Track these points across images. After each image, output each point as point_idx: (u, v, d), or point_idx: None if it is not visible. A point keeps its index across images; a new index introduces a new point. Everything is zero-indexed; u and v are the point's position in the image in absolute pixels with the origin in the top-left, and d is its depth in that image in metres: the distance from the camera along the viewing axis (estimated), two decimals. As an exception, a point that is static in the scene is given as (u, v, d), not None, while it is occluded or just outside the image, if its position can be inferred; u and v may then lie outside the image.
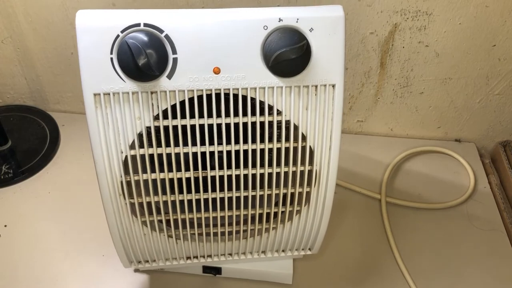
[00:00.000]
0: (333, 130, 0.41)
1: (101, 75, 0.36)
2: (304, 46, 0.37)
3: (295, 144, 0.41)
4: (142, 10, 0.37)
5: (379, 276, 0.58)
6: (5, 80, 0.74)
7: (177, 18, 0.36)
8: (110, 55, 0.36)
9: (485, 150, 0.77)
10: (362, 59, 0.66)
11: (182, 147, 0.40)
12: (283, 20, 0.37)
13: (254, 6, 0.61)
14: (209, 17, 0.37)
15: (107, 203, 0.42)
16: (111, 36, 0.36)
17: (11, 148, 0.70)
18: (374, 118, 0.75)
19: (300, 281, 0.56)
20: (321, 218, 0.47)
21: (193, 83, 0.38)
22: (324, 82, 0.39)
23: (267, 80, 0.38)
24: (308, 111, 0.40)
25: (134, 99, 0.38)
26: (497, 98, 0.70)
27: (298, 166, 0.43)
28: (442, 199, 0.67)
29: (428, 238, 0.62)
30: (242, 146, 0.41)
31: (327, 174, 0.44)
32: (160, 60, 0.36)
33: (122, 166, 0.40)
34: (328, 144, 0.42)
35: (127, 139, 0.39)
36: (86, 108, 0.38)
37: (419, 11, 0.61)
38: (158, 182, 0.42)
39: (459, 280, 0.58)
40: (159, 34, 0.36)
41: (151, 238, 0.46)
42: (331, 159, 0.43)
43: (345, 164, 0.71)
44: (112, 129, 0.38)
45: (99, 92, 0.37)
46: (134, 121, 0.38)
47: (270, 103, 0.39)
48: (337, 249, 0.61)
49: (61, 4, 0.63)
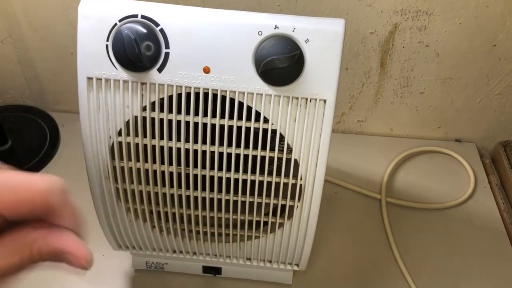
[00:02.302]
0: (321, 146, 0.40)
1: (96, 60, 0.38)
2: (295, 56, 0.36)
3: (280, 155, 0.40)
4: (142, 2, 0.37)
5: (379, 276, 0.58)
6: (5, 80, 0.74)
7: (174, 14, 0.37)
8: (106, 42, 0.37)
9: (485, 150, 0.77)
10: (362, 59, 0.66)
11: (166, 141, 0.40)
12: (279, 27, 0.36)
13: (253, 5, 0.61)
14: (206, 16, 0.37)
15: (93, 184, 0.43)
16: (109, 24, 0.37)
17: (11, 148, 0.70)
18: (374, 118, 0.75)
19: (300, 281, 0.56)
20: (305, 235, 0.45)
21: (182, 79, 0.38)
22: (315, 96, 0.38)
23: (256, 86, 0.38)
24: (296, 123, 0.39)
25: (125, 87, 0.38)
26: (497, 98, 0.70)
27: (282, 177, 0.42)
28: (442, 199, 0.67)
29: (428, 238, 0.62)
30: (226, 149, 0.40)
31: (312, 191, 0.42)
32: (151, 53, 0.37)
33: (109, 151, 0.41)
34: (315, 160, 0.40)
35: (115, 126, 0.40)
36: (79, 90, 0.39)
37: (419, 11, 0.61)
38: (142, 172, 0.42)
39: (459, 280, 0.58)
40: (154, 27, 0.37)
41: (135, 225, 0.46)
42: (317, 176, 0.41)
43: (345, 164, 0.71)
44: (102, 114, 0.40)
45: (92, 76, 0.38)
46: (123, 109, 0.39)
47: (258, 109, 0.38)
48: (337, 249, 0.61)
49: (61, 4, 0.63)
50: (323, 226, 0.63)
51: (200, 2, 0.62)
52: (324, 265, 0.59)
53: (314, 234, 0.45)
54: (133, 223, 0.46)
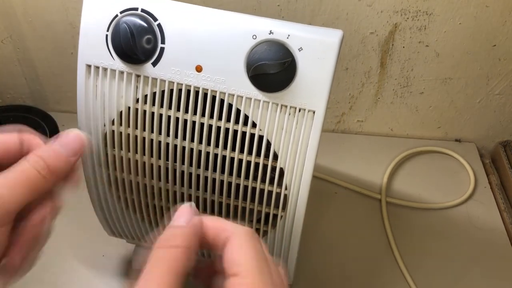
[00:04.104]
0: (307, 158, 0.39)
1: (96, 49, 0.39)
2: (285, 64, 0.35)
3: (265, 162, 0.40)
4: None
5: (379, 276, 0.58)
6: (5, 80, 0.74)
7: (173, 10, 0.37)
8: (106, 32, 0.38)
9: (485, 150, 0.77)
10: (362, 59, 0.66)
11: (156, 135, 0.41)
12: (274, 33, 0.36)
13: (254, 5, 0.61)
14: (203, 15, 0.37)
15: (87, 169, 0.44)
16: (111, 14, 0.38)
17: (11, 148, 0.70)
18: (374, 118, 0.75)
19: (300, 281, 0.56)
20: (288, 247, 0.44)
21: (174, 75, 0.38)
22: (304, 106, 0.37)
23: (246, 90, 0.37)
24: (283, 131, 0.38)
25: (120, 78, 0.39)
26: (497, 98, 0.70)
27: (267, 184, 0.41)
28: (442, 199, 0.67)
29: (428, 238, 0.62)
30: (212, 150, 0.40)
31: (296, 202, 0.41)
32: (147, 47, 0.37)
33: (103, 138, 0.42)
34: (300, 171, 0.39)
35: (109, 114, 0.41)
36: (77, 76, 0.40)
37: (419, 11, 0.61)
38: (132, 163, 0.43)
39: (459, 280, 0.58)
40: (152, 22, 0.37)
41: (125, 214, 0.47)
42: (301, 188, 0.40)
43: (345, 164, 0.71)
44: (98, 101, 0.40)
45: (91, 63, 0.39)
46: (117, 99, 0.40)
47: (246, 113, 0.38)
48: (337, 249, 0.61)
49: (61, 4, 0.63)
50: (323, 226, 0.63)
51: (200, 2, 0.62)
52: (324, 265, 0.59)
53: (298, 247, 0.44)
54: (124, 211, 0.47)
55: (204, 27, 0.37)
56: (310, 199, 0.41)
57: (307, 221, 0.42)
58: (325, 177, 0.69)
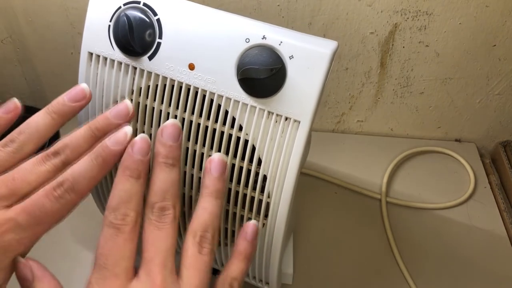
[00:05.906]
0: (289, 167, 0.38)
1: (98, 38, 0.40)
2: (273, 71, 0.34)
3: (249, 166, 0.39)
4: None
5: (379, 276, 0.58)
6: (5, 80, 0.74)
7: (173, 7, 0.38)
8: (109, 22, 0.39)
9: (485, 150, 0.77)
10: (362, 59, 0.66)
11: (147, 127, 0.41)
12: (267, 38, 0.35)
13: (254, 5, 0.61)
14: (201, 14, 0.37)
15: None
16: (115, 5, 0.38)
17: (11, 148, 0.70)
18: (374, 118, 0.75)
19: (300, 281, 0.56)
20: (269, 255, 0.43)
21: (168, 71, 0.38)
22: (290, 115, 0.36)
23: (235, 92, 0.37)
24: (268, 137, 0.37)
25: (118, 68, 0.40)
26: (497, 98, 0.70)
27: (249, 189, 0.40)
28: (442, 199, 0.67)
29: (428, 238, 0.62)
30: (199, 148, 0.40)
31: (277, 212, 0.40)
32: (144, 40, 0.38)
33: None
34: (282, 180, 0.38)
35: (106, 103, 0.42)
36: (80, 63, 0.41)
37: (419, 11, 0.61)
38: None
39: (459, 280, 0.58)
40: (152, 16, 0.38)
41: None
42: (282, 198, 0.39)
43: (345, 164, 0.71)
44: (97, 89, 0.41)
45: (92, 51, 0.40)
46: (114, 88, 0.41)
47: (234, 115, 0.38)
48: (337, 249, 0.61)
49: (61, 4, 0.63)
50: (323, 225, 0.63)
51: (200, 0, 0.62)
52: (324, 265, 0.59)
53: (279, 257, 0.43)
54: None
55: (200, 26, 0.37)
56: (310, 199, 0.41)
57: (307, 221, 0.42)
58: (325, 177, 0.69)
